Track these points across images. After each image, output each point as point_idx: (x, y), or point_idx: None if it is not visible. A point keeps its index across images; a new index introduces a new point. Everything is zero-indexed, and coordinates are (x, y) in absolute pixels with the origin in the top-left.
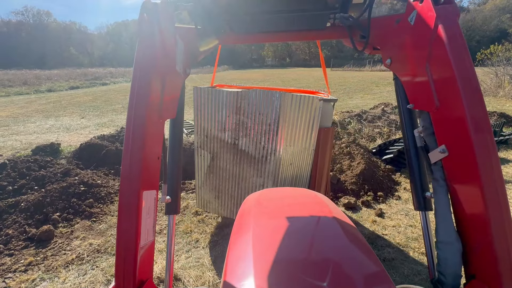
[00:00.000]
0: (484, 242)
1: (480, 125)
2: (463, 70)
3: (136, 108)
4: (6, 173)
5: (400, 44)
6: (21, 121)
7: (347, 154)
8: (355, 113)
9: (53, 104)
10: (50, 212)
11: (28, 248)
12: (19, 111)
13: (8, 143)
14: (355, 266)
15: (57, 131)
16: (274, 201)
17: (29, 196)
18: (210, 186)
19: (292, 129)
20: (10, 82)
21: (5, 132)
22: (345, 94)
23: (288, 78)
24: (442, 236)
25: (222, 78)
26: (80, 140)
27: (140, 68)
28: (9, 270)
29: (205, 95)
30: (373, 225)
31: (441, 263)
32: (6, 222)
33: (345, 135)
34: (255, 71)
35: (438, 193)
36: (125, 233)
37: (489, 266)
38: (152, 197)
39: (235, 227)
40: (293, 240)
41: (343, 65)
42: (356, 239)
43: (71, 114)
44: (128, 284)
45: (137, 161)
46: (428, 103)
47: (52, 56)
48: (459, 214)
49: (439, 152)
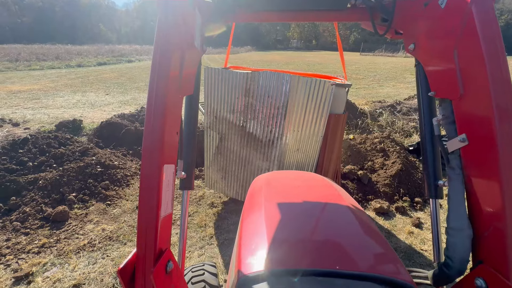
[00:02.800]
0: (496, 229)
1: (505, 116)
2: (495, 59)
3: (157, 82)
4: (27, 149)
5: (427, 29)
6: (51, 95)
7: (381, 151)
8: (388, 103)
9: (81, 80)
10: (66, 192)
11: (43, 228)
12: (50, 84)
13: (37, 116)
14: (369, 250)
15: (82, 106)
16: (284, 182)
17: (47, 174)
18: (218, 167)
19: (301, 114)
20: (44, 56)
21: (35, 105)
22: (375, 82)
23: (313, 62)
24: (454, 223)
25: (244, 59)
26: (103, 117)
27: (161, 42)
28: (23, 251)
29: (215, 76)
30: (410, 237)
31: (450, 248)
32: (24, 199)
33: (376, 127)
34: (279, 53)
35: (454, 180)
36: (147, 204)
37: (499, 252)
38: (171, 171)
39: (246, 205)
40: (304, 218)
41: (374, 50)
42: (368, 224)
43: (97, 90)
44: (149, 253)
45: (159, 135)
46: (451, 91)
47: (82, 32)
48: (473, 202)
49: (458, 141)
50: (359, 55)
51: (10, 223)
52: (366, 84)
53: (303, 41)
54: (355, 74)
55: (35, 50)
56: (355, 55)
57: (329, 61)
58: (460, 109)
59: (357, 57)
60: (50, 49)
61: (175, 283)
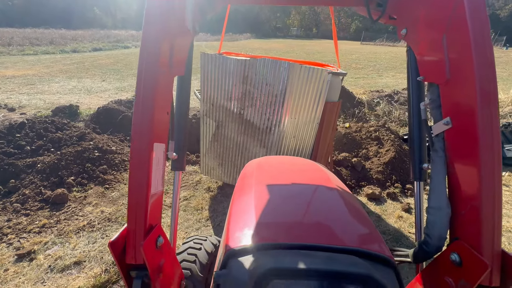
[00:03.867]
0: (472, 208)
1: (487, 100)
2: (481, 45)
3: (147, 61)
4: (25, 133)
5: (419, 14)
6: (46, 80)
7: (375, 139)
8: (385, 93)
9: (77, 65)
10: (64, 176)
11: (43, 209)
12: (45, 70)
13: (32, 102)
14: (352, 226)
15: (78, 92)
16: (274, 166)
17: (45, 157)
18: (214, 154)
19: (298, 101)
20: (38, 41)
21: (30, 90)
22: (374, 72)
23: (313, 51)
24: (434, 202)
25: (243, 47)
26: (99, 103)
27: (150, 21)
28: (24, 230)
29: (212, 62)
30: (399, 221)
31: (429, 226)
32: (23, 182)
33: (373, 116)
34: (279, 41)
35: (436, 163)
36: (137, 181)
37: (473, 229)
38: (161, 150)
39: (237, 186)
40: (292, 198)
41: (375, 39)
42: (353, 203)
43: (93, 76)
44: (139, 227)
45: (148, 113)
46: (439, 75)
47: (77, 16)
48: (453, 183)
49: (443, 124)
50: (359, 44)
51: (11, 205)
52: (365, 74)
53: (303, 29)
54: (354, 63)
55: (28, 34)
56: (356, 44)
57: (329, 49)
58: (446, 93)
59: (357, 46)
60: (44, 33)
61: (165, 258)
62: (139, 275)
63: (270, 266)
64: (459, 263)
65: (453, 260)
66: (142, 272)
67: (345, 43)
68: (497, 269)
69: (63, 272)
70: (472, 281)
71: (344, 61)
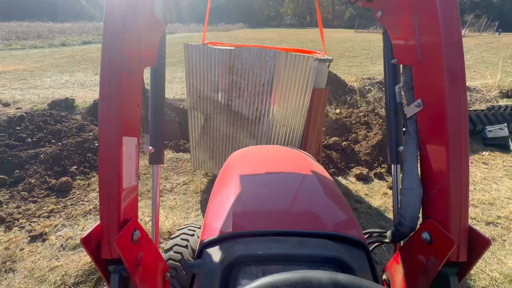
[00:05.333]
0: (442, 188)
1: (455, 81)
2: (449, 24)
3: (110, 52)
4: (24, 126)
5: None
6: (38, 75)
7: (364, 124)
8: (377, 80)
9: (67, 59)
10: (67, 165)
11: (49, 196)
12: (35, 65)
13: (26, 97)
14: (326, 211)
15: (72, 86)
16: (257, 156)
17: (47, 148)
18: (204, 147)
19: (286, 90)
20: (25, 35)
21: (23, 85)
22: (367, 60)
23: (307, 40)
24: (407, 183)
25: (236, 37)
26: (94, 97)
27: (112, 9)
28: (34, 215)
29: (196, 53)
30: (384, 197)
31: (403, 207)
32: (28, 172)
33: (364, 103)
34: (273, 30)
35: (409, 145)
36: (107, 176)
37: (443, 208)
38: (132, 144)
39: (219, 176)
40: (271, 187)
41: (369, 27)
42: (331, 189)
43: (85, 70)
44: (112, 222)
45: (114, 107)
46: (411, 57)
47: (63, 8)
48: (424, 164)
49: (414, 106)
50: (353, 32)
51: (18, 193)
52: (359, 62)
53: (297, 18)
54: (348, 51)
55: (13, 28)
56: (350, 32)
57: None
58: (418, 75)
59: (351, 34)
60: (30, 27)
61: (144, 251)
62: (117, 270)
63: (240, 254)
64: (429, 241)
65: (424, 238)
66: (119, 266)
67: (339, 31)
68: (464, 245)
69: (74, 250)
70: (440, 258)
71: (338, 49)
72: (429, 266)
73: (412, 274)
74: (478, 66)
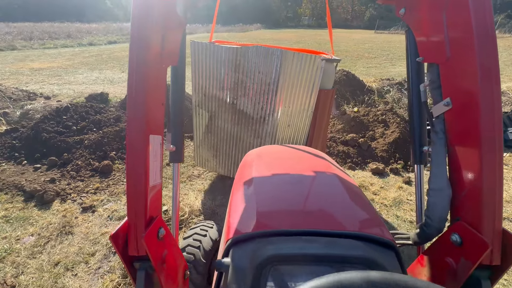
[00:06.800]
0: (473, 189)
1: (488, 78)
2: (482, 21)
3: (137, 52)
4: (70, 115)
5: None
6: (71, 72)
7: (382, 122)
8: (396, 81)
9: (95, 58)
10: (108, 151)
11: (94, 177)
12: (67, 62)
13: (63, 91)
14: (353, 212)
15: (102, 83)
16: (274, 154)
17: (90, 135)
18: (208, 145)
19: (292, 90)
20: (56, 35)
21: (59, 81)
22: (387, 61)
23: (325, 40)
24: (434, 184)
25: (254, 37)
26: (123, 92)
27: (139, 9)
28: (82, 191)
29: (203, 51)
30: (399, 190)
31: (430, 208)
32: (74, 155)
33: (382, 104)
34: (290, 31)
35: (436, 144)
36: (135, 174)
37: (474, 209)
38: (157, 142)
39: (237, 175)
40: (293, 186)
41: (389, 27)
42: (354, 189)
43: (112, 68)
44: (139, 220)
45: (142, 106)
46: (438, 54)
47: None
48: (453, 164)
49: (443, 105)
50: (373, 33)
51: (68, 173)
52: (378, 63)
53: (315, 18)
54: (367, 53)
55: (46, 28)
56: (370, 33)
57: (340, 39)
58: (446, 73)
59: (371, 35)
60: (60, 27)
61: (168, 249)
62: (143, 266)
63: (271, 253)
64: (460, 243)
65: (454, 240)
66: (145, 263)
67: (358, 32)
68: (497, 248)
69: (120, 220)
70: (472, 261)
71: (356, 50)
72: (460, 269)
73: (440, 277)
74: (507, 69)
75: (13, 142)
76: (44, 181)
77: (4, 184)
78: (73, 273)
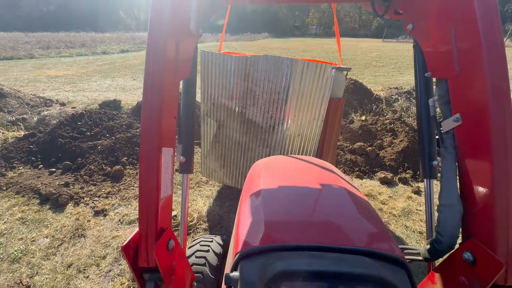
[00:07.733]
0: (485, 205)
1: (499, 93)
2: (491, 36)
3: (153, 67)
4: (84, 121)
5: (426, 7)
6: (85, 79)
7: (390, 131)
8: (404, 90)
9: (108, 66)
10: (119, 156)
11: (105, 181)
12: (82, 70)
13: (78, 98)
14: (363, 227)
15: (114, 90)
16: (282, 166)
17: (103, 141)
18: (216, 155)
19: (302, 99)
20: (72, 44)
21: (73, 88)
22: (395, 70)
23: (332, 49)
24: (445, 199)
25: (262, 46)
26: (134, 99)
27: (156, 25)
28: (95, 195)
29: (212, 60)
30: (408, 200)
31: (441, 224)
32: (88, 160)
33: (390, 112)
34: (298, 40)
35: (447, 159)
36: (147, 186)
37: (487, 227)
38: (169, 154)
39: (245, 187)
40: (301, 199)
41: (397, 36)
42: (364, 203)
43: (124, 76)
44: (151, 231)
45: (156, 119)
46: (447, 70)
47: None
48: (464, 179)
49: (452, 121)
50: (381, 42)
51: (81, 177)
52: (386, 72)
53: (323, 27)
54: (375, 61)
55: (62, 38)
56: (377, 41)
57: (348, 48)
58: (455, 88)
59: (379, 44)
60: (76, 36)
61: (176, 260)
62: (152, 278)
63: (281, 269)
64: (473, 262)
65: (466, 258)
66: (154, 274)
67: (366, 41)
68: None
69: (130, 224)
70: (487, 280)
71: (364, 59)
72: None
73: None
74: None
75: (30, 146)
76: (58, 185)
77: (21, 187)
78: (85, 275)
